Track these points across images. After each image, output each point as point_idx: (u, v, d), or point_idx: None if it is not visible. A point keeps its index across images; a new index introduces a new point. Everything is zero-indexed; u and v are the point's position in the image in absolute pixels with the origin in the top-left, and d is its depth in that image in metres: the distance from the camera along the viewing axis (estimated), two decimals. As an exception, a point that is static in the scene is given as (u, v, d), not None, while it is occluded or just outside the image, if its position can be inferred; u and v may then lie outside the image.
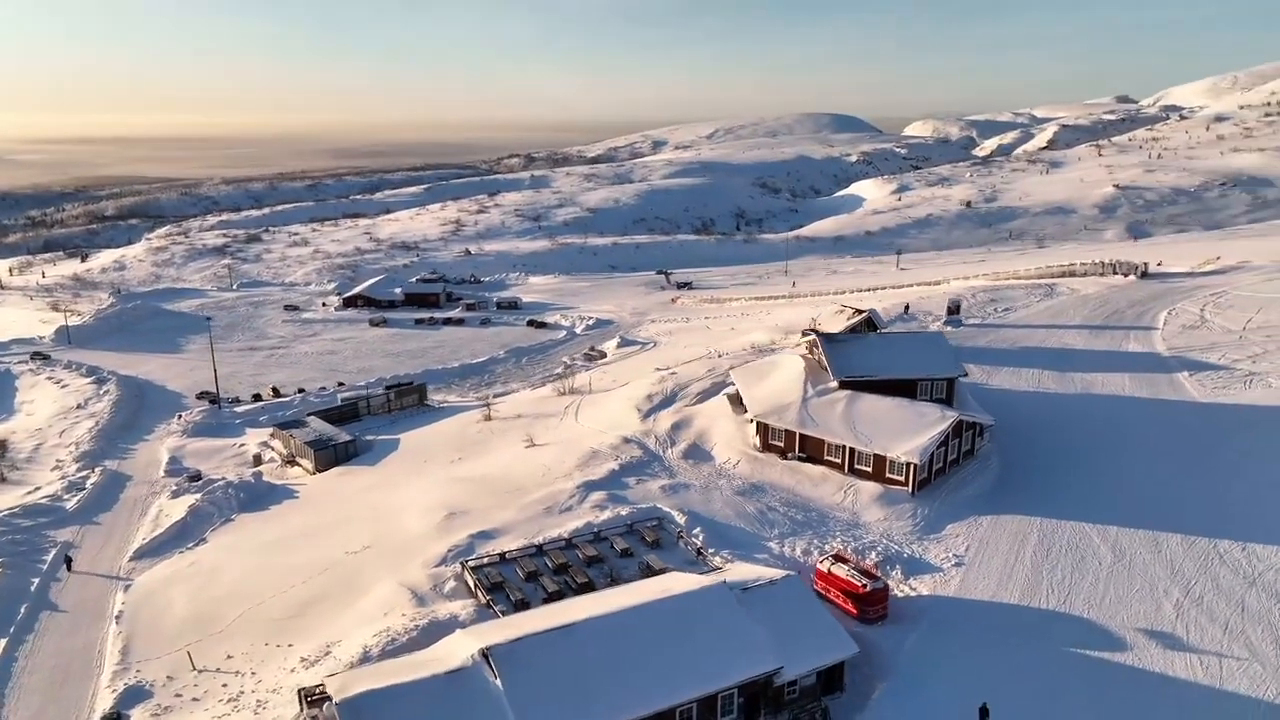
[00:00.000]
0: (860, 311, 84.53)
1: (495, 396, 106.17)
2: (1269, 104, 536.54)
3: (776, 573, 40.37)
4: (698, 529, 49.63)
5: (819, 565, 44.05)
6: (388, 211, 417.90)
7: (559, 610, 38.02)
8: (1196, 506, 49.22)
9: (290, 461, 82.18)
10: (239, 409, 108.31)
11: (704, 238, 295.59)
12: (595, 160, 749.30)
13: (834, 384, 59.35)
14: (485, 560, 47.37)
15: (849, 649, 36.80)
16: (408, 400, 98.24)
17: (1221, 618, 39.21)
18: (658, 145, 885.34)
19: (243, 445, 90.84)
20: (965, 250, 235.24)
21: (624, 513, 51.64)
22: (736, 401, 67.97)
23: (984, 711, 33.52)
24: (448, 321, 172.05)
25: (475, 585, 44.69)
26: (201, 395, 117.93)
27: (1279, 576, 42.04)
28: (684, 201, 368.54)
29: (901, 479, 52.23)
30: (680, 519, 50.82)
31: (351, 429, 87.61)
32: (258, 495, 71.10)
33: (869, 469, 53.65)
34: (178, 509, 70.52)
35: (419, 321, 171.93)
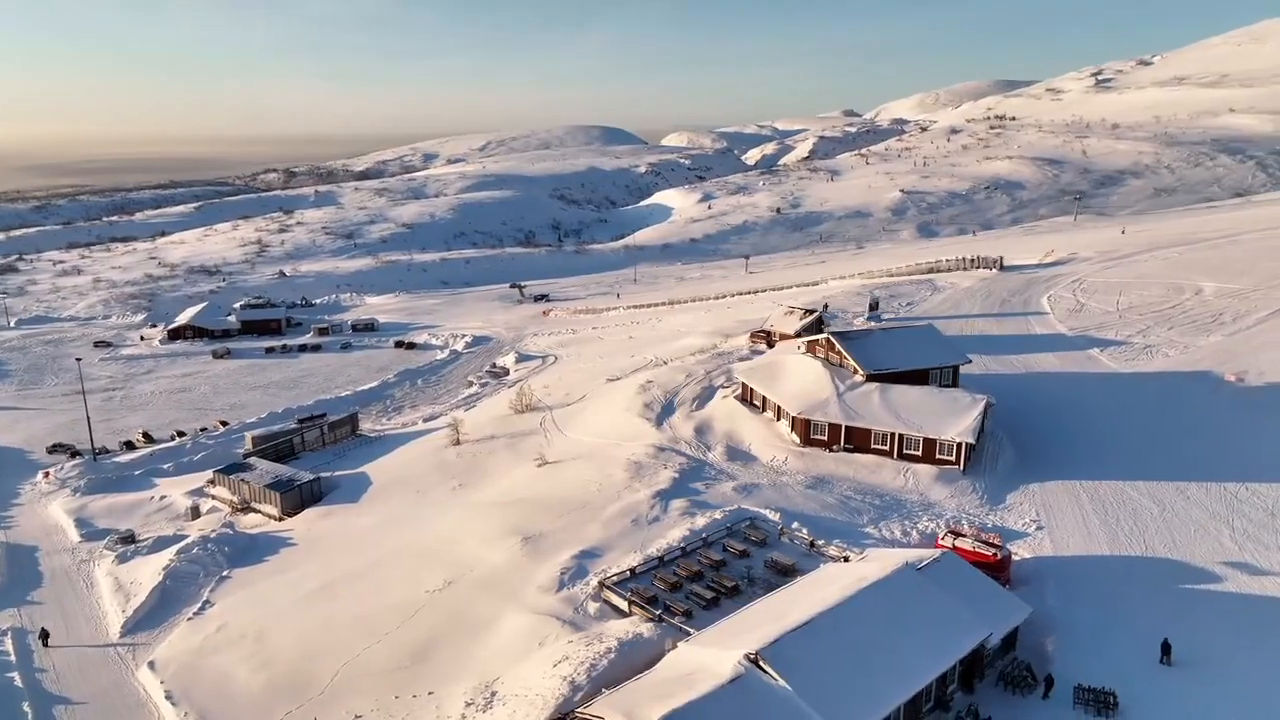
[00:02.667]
0: (811, 312, 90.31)
1: (425, 421, 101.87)
2: (988, 118, 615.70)
3: (930, 552, 43.39)
4: (795, 524, 51.68)
5: (940, 541, 47.63)
6: (163, 234, 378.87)
7: (767, 611, 38.80)
8: (1188, 457, 58.00)
9: (243, 509, 74.70)
10: (120, 459, 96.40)
11: (534, 250, 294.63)
12: (364, 175, 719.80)
13: (861, 378, 63.53)
14: (615, 577, 46.70)
15: (1025, 610, 40.54)
16: (341, 432, 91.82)
17: (1273, 545, 47.05)
18: (429, 158, 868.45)
19: (164, 498, 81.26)
20: (790, 253, 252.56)
21: (718, 517, 52.58)
22: (747, 402, 70.60)
23: (1166, 646, 38.39)
24: (303, 349, 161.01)
25: (630, 602, 44.10)
26: (56, 448, 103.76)
27: (1287, 507, 50.92)
28: (500, 214, 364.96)
29: (952, 459, 57.19)
30: (773, 516, 52.58)
31: (295, 467, 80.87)
32: (244, 548, 64.23)
33: (918, 453, 58.18)
34: (143, 573, 62.52)
35: (270, 350, 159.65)
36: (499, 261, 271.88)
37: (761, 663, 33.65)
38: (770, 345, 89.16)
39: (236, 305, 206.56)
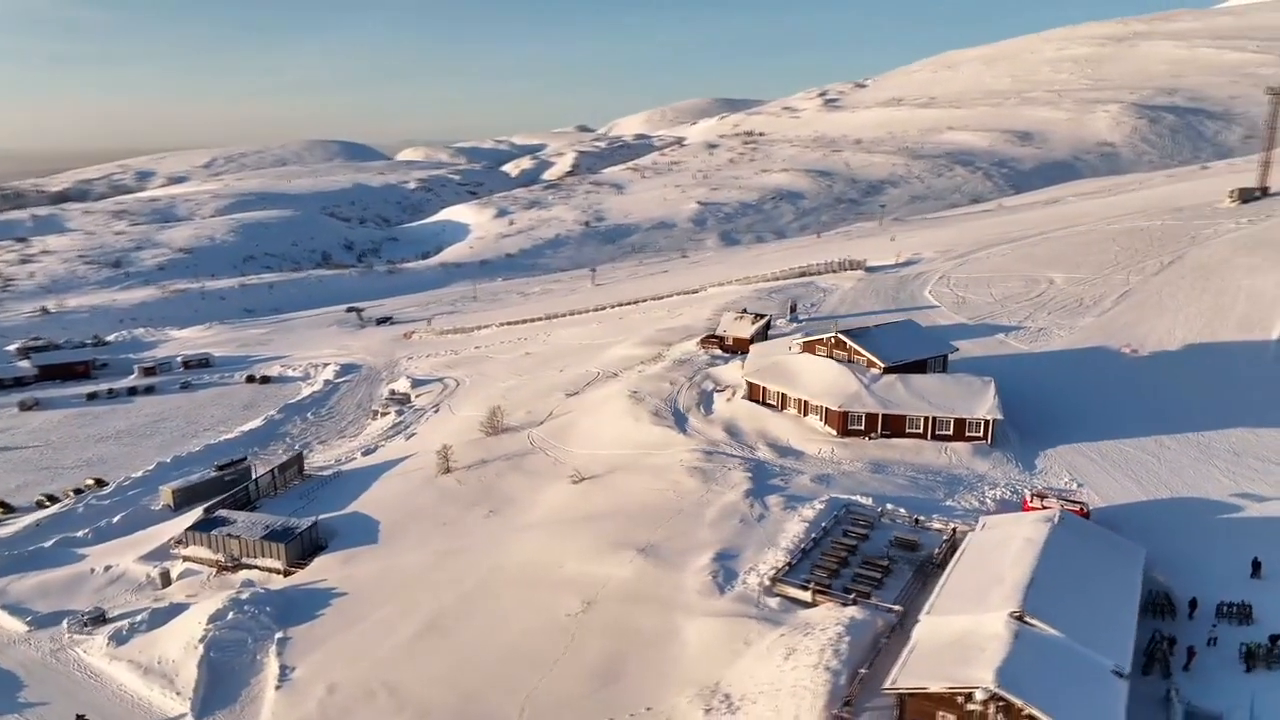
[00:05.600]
0: (760, 316, 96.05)
1: (364, 454, 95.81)
2: (737, 134, 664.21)
3: (1049, 513, 49.82)
4: (888, 505, 56.50)
5: (1028, 503, 54.52)
6: None
7: (970, 578, 43.09)
8: (1145, 416, 69.56)
9: (233, 566, 67.32)
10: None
11: (342, 271, 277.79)
12: (65, 196, 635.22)
13: (879, 370, 69.75)
14: (776, 572, 48.92)
15: (1143, 550, 48.02)
16: (290, 474, 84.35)
17: (1257, 478, 58.50)
18: (144, 176, 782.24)
19: (109, 568, 71.11)
20: (616, 264, 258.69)
21: (820, 508, 56.06)
22: (759, 402, 74.55)
23: (1256, 564, 47.29)
24: (133, 391, 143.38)
25: (813, 591, 46.58)
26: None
27: (1242, 444, 63.27)
28: (286, 235, 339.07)
29: (980, 435, 64.74)
30: (865, 501, 57.06)
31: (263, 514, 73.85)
32: (283, 607, 58.33)
33: (950, 433, 65.18)
34: (169, 650, 55.76)
35: (92, 396, 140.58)
36: (305, 285, 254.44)
37: (1027, 618, 37.89)
38: (724, 349, 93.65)
39: (12, 348, 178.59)
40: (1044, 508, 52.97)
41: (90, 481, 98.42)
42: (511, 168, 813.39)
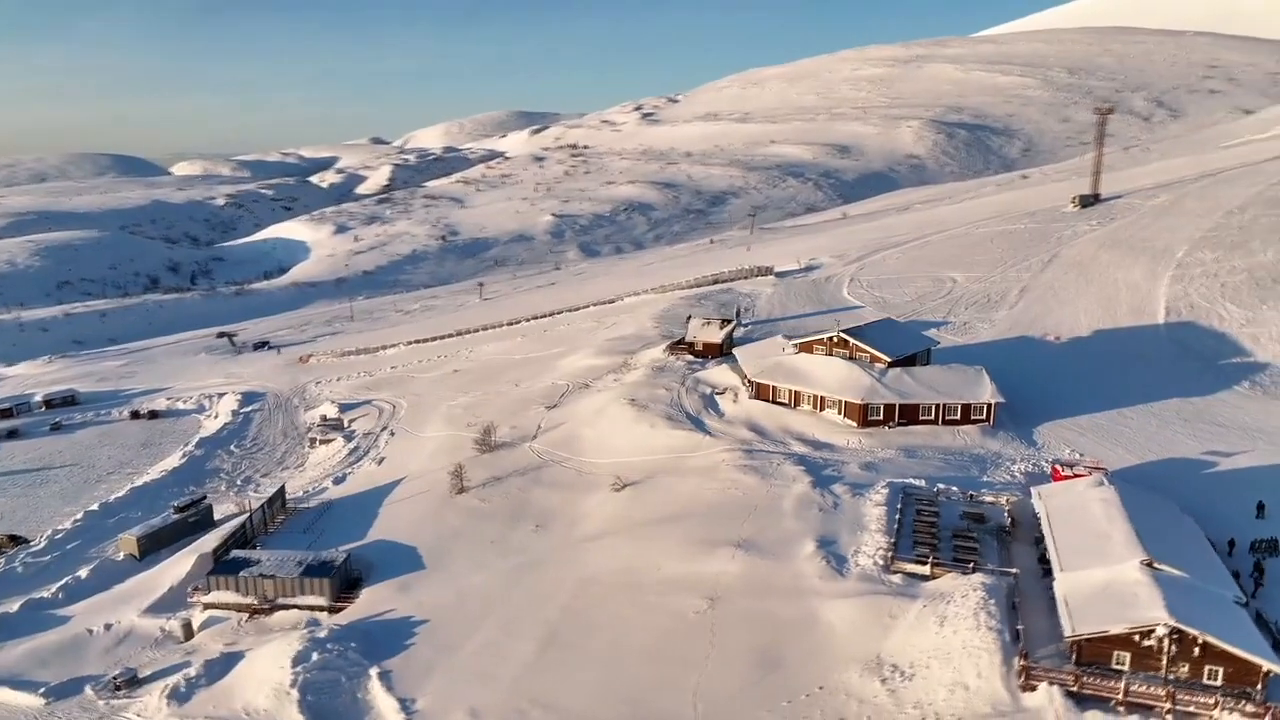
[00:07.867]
0: (728, 321, 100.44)
1: (335, 483, 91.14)
2: (562, 147, 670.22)
3: (1099, 477, 57.17)
4: (942, 484, 62.24)
5: (1056, 470, 62.03)
6: None
7: (1076, 539, 49.11)
8: (1099, 393, 79.91)
9: (268, 609, 63.15)
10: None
11: (182, 295, 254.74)
12: None
13: (884, 365, 75.80)
14: (890, 552, 53.06)
15: (1174, 503, 56.26)
16: (276, 509, 79.25)
17: (1216, 439, 69.19)
18: None
19: (109, 626, 64.53)
20: (488, 277, 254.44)
21: (884, 492, 60.80)
22: (769, 400, 78.65)
23: (1260, 506, 56.67)
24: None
25: (932, 565, 51.03)
26: None
27: (1186, 411, 74.49)
28: (102, 258, 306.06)
29: (984, 418, 72.16)
30: (919, 483, 62.51)
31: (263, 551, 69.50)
32: (364, 641, 55.77)
33: (957, 417, 72.16)
34: (255, 699, 52.55)
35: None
36: (143, 311, 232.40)
37: (1155, 564, 44.16)
38: (695, 354, 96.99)
39: None
40: (1075, 475, 60.57)
41: (3, 538, 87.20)
42: (318, 180, 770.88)
